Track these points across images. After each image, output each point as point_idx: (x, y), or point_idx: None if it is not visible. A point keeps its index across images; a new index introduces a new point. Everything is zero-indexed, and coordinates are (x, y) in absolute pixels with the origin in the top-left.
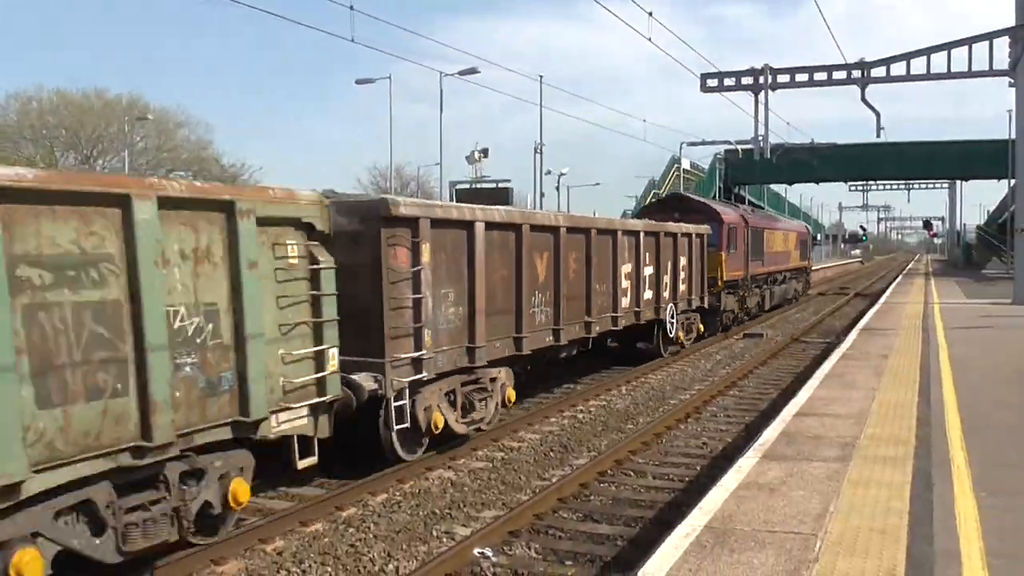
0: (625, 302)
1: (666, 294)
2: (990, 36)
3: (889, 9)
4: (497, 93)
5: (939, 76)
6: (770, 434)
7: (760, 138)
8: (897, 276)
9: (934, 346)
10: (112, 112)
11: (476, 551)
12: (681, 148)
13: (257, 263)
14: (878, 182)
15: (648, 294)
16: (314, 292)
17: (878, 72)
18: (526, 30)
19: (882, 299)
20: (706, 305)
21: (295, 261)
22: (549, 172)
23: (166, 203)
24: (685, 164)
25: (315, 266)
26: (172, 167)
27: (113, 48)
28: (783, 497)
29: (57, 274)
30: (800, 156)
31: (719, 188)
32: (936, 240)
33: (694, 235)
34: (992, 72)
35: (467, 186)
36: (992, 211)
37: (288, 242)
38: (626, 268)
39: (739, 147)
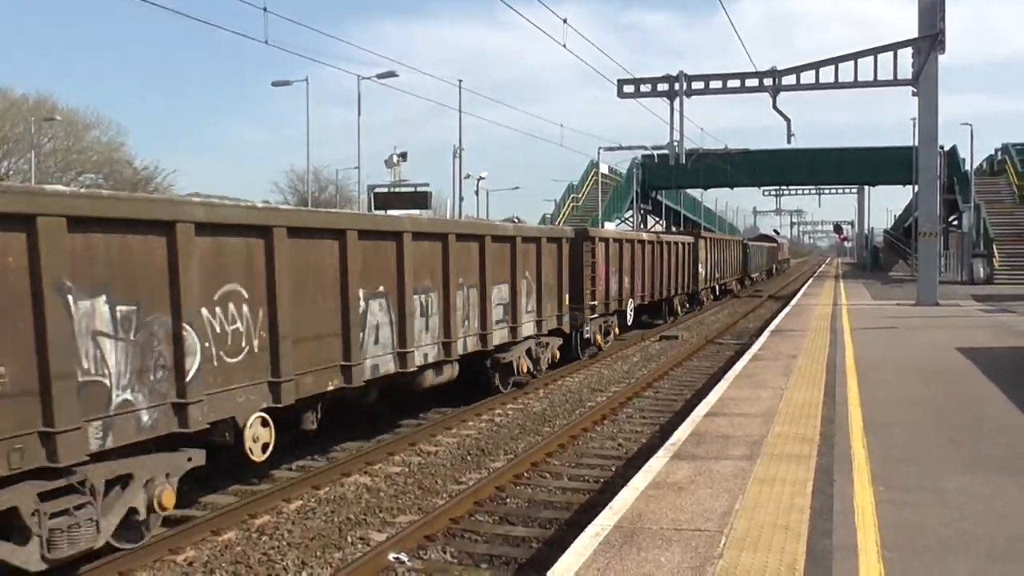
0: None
1: (772, 264)
2: (895, 47)
3: (809, 16)
4: (417, 98)
5: (846, 85)
6: (680, 434)
7: (675, 144)
8: (809, 279)
9: (841, 346)
10: (18, 112)
11: (391, 556)
12: (599, 153)
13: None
14: (790, 187)
15: (771, 263)
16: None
17: (789, 80)
18: (449, 36)
19: (793, 301)
20: (776, 269)
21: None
22: (468, 176)
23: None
24: (603, 169)
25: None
26: (82, 169)
27: (17, 47)
28: (691, 496)
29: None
30: (714, 162)
31: (636, 192)
32: (846, 244)
33: (769, 246)
34: (897, 82)
35: (386, 190)
36: (898, 216)
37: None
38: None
39: (655, 152)
